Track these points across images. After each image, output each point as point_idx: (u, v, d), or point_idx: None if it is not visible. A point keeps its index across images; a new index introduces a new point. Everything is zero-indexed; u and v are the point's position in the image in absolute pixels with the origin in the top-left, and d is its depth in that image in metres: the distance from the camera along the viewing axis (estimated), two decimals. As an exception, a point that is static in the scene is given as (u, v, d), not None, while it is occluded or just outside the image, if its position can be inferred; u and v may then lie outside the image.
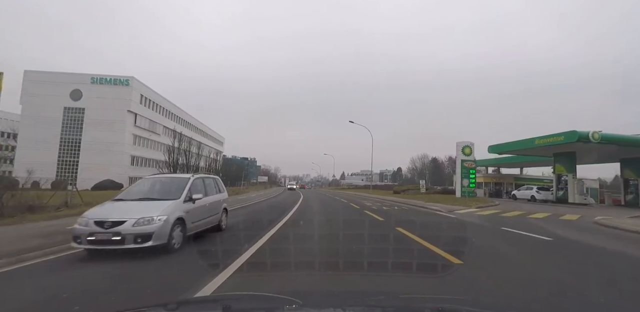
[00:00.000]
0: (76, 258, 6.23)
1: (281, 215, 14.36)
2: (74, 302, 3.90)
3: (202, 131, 79.20)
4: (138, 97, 50.22)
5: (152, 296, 4.09)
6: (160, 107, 59.00)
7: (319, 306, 1.85)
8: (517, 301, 4.07)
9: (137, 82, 50.01)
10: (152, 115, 55.20)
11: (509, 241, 8.97)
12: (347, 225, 11.61)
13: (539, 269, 5.87)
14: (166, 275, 5.18)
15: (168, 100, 62.52)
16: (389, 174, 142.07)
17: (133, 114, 49.72)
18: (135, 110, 49.77)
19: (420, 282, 4.77)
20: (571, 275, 5.37)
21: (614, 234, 10.67)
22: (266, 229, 9.54)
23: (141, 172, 43.78)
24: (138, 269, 5.48)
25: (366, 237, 8.58)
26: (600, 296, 4.35)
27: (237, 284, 4.57)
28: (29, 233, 8.29)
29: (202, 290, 4.17)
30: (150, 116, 54.63)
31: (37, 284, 4.76)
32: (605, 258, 7.15)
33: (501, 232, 10.55)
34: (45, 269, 5.59)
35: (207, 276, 4.74)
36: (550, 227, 11.65)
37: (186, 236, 7.09)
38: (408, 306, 1.97)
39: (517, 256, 7.07)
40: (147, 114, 53.61)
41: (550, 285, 4.80)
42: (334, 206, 21.68)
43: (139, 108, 50.61)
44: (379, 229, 10.70)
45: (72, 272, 5.33)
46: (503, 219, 14.20)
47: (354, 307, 1.87)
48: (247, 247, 6.76)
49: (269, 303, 2.00)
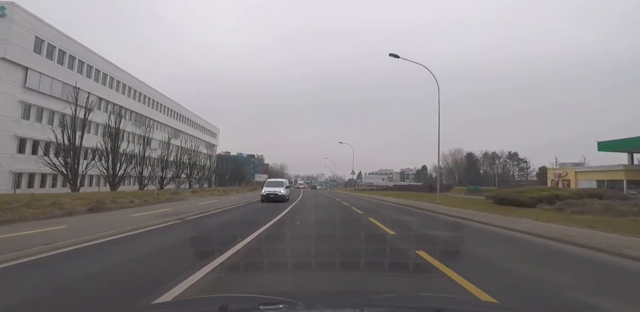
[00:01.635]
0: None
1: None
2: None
3: (184, 118, 64.86)
4: (31, 39, 30.32)
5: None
6: (90, 67, 38.26)
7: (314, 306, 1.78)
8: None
9: (26, 15, 29.83)
10: (67, 75, 34.34)
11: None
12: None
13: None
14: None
15: (113, 64, 42.80)
16: (411, 173, 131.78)
17: (19, 67, 29.65)
18: (23, 62, 29.67)
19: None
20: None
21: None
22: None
23: (39, 167, 27.09)
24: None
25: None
26: None
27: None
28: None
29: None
30: (62, 77, 33.87)
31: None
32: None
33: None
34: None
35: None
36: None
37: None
38: (406, 306, 1.90)
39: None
40: (55, 71, 33.20)
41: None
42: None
43: (32, 58, 30.55)
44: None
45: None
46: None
47: (351, 307, 1.74)
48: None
49: (265, 303, 1.86)
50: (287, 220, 12.75)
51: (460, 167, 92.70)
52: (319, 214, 15.96)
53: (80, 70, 36.75)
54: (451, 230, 11.20)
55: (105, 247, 7.24)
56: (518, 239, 9.21)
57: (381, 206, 22.62)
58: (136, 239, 8.33)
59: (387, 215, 15.51)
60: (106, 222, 10.63)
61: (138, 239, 8.34)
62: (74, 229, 9.00)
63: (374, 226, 10.89)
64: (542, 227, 10.68)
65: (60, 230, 8.95)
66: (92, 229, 8.94)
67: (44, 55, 31.99)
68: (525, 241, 8.89)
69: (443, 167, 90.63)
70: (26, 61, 30.04)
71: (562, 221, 12.12)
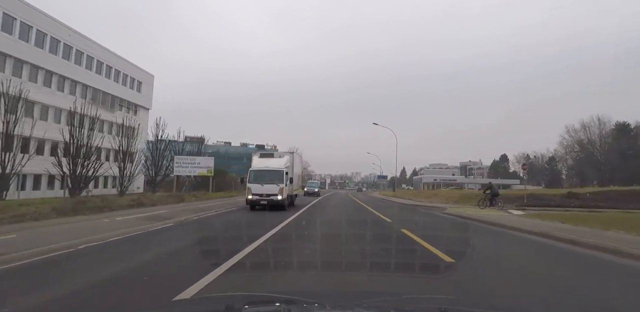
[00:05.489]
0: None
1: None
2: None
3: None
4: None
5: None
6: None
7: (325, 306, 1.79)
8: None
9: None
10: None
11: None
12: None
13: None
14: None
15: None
16: (475, 167, 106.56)
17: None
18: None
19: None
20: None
21: None
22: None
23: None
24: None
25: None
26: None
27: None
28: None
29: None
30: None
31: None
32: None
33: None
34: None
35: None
36: None
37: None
38: (410, 307, 1.97)
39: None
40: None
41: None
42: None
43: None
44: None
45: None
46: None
47: (361, 307, 1.79)
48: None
49: (273, 303, 1.97)
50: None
51: (604, 148, 57.93)
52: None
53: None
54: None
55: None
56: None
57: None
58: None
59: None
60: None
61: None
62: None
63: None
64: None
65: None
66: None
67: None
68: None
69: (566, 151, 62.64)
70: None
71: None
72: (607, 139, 59.49)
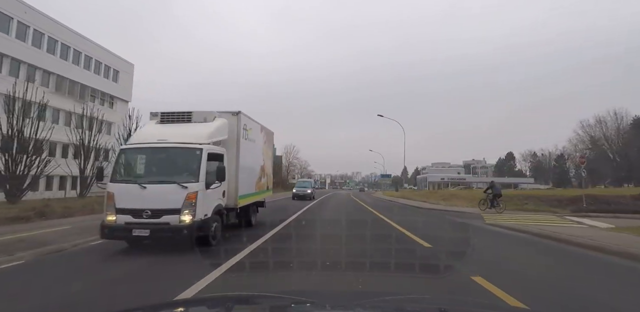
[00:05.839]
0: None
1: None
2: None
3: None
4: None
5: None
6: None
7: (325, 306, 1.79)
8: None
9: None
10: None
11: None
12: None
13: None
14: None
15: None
16: (479, 166, 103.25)
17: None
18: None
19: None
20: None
21: None
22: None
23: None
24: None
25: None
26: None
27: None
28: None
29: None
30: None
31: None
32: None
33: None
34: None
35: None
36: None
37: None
38: (410, 307, 1.91)
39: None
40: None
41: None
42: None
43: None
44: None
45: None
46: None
47: (361, 307, 1.77)
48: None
49: (274, 302, 1.93)
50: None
51: (619, 145, 53.99)
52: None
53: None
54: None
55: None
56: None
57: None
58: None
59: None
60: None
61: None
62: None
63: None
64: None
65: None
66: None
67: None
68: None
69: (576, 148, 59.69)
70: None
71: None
72: (624, 135, 55.51)
